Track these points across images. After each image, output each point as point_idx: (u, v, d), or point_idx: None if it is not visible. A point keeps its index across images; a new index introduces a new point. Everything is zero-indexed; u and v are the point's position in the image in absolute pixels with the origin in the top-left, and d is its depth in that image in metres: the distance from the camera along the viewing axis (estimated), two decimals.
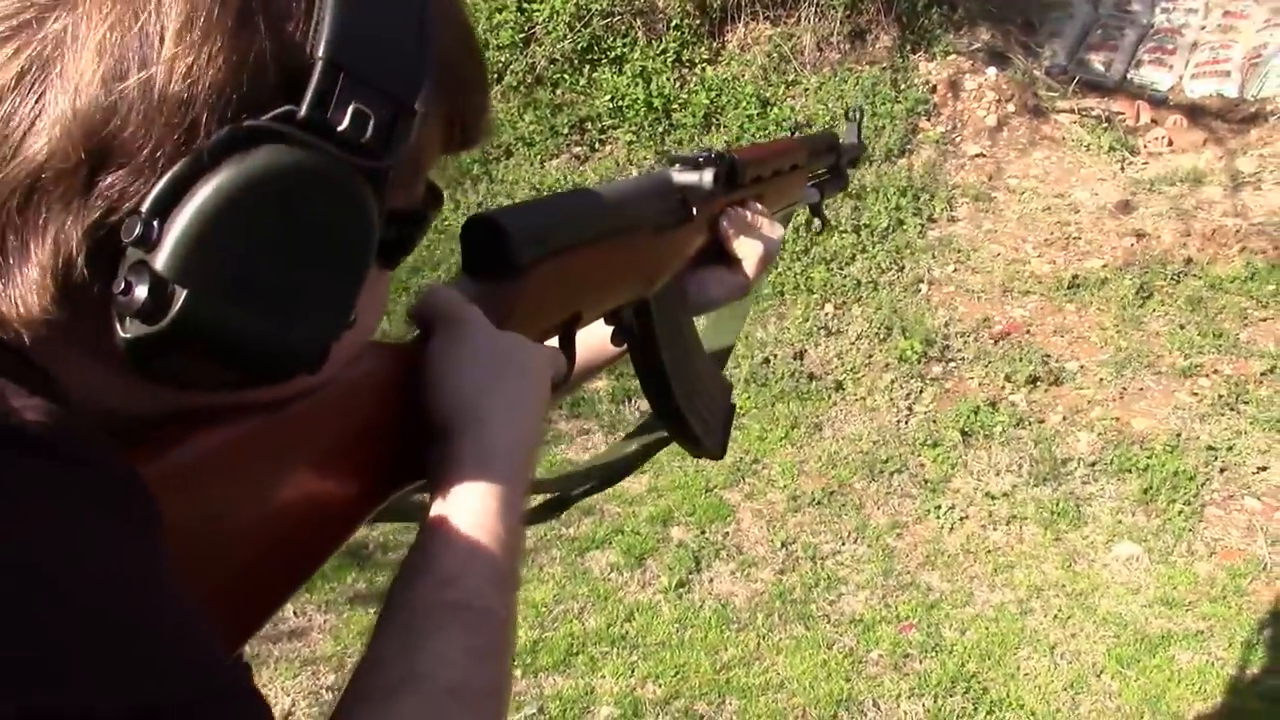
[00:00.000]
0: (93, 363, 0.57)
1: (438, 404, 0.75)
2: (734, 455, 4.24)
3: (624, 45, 6.12)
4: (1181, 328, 4.89)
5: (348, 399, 0.72)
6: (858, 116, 1.81)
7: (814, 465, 4.27)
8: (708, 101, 5.98)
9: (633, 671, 3.25)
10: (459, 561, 0.69)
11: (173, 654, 0.49)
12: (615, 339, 1.11)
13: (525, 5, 6.10)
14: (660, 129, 5.89)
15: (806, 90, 6.19)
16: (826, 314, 5.02)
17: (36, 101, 0.51)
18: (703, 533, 3.88)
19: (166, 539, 0.52)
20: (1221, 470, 4.19)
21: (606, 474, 1.27)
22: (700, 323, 1.31)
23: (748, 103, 5.98)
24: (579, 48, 6.02)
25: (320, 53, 0.55)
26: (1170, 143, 6.18)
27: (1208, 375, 4.65)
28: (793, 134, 1.88)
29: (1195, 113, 6.44)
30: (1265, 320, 4.90)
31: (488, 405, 0.75)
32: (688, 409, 1.18)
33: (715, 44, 6.38)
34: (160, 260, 0.52)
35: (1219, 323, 4.89)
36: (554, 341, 0.95)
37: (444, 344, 0.77)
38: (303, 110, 0.55)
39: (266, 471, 0.66)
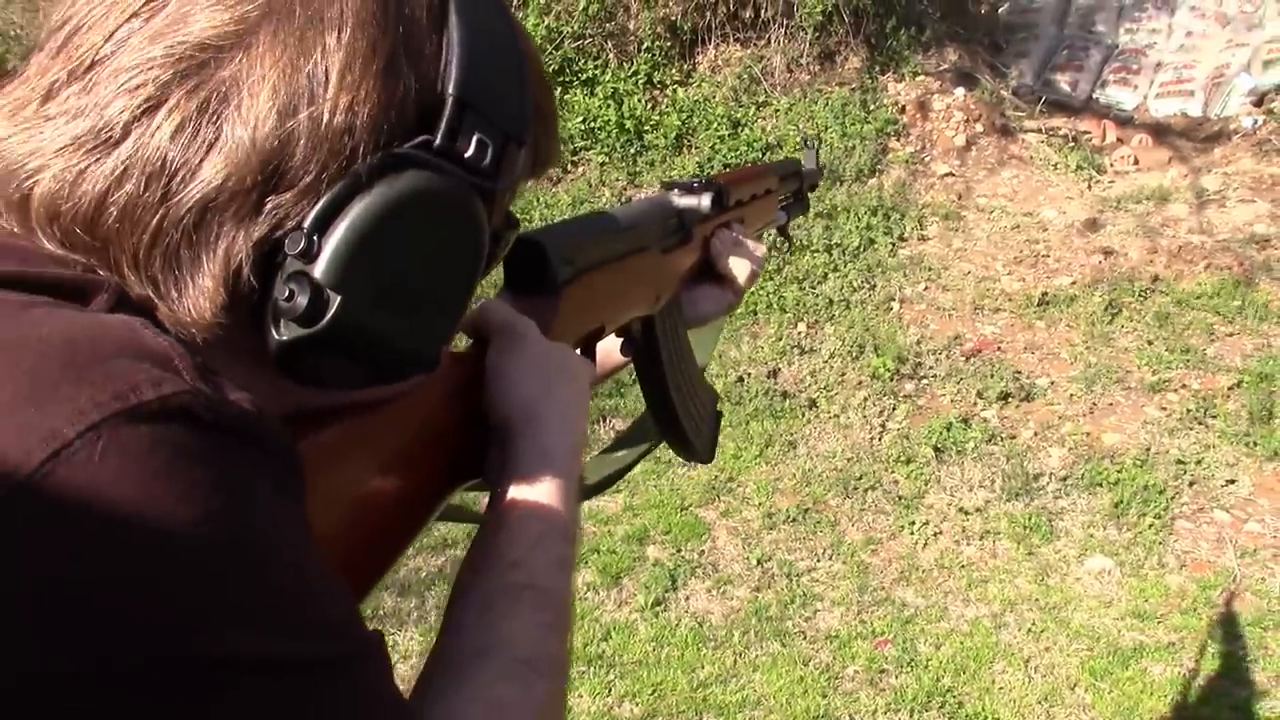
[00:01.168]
0: (236, 364, 0.62)
1: (499, 407, 0.83)
2: (709, 473, 4.26)
3: (595, 67, 6.15)
4: (1150, 343, 4.94)
5: (423, 402, 0.79)
6: (815, 144, 1.92)
7: (789, 483, 4.28)
8: (679, 123, 6.01)
9: (610, 690, 3.25)
10: (526, 547, 0.76)
11: (337, 613, 0.57)
12: (624, 350, 1.20)
13: None
14: (632, 150, 5.91)
15: (777, 111, 6.24)
16: (799, 333, 5.05)
17: (215, 132, 0.57)
18: (678, 551, 3.89)
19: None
20: (1191, 484, 4.23)
21: (596, 482, 1.32)
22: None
23: (719, 124, 6.02)
24: (551, 70, 6.04)
25: (450, 91, 0.64)
26: (1136, 161, 6.26)
27: (1176, 390, 4.70)
28: (758, 160, 1.99)
29: (1160, 132, 6.53)
30: (1231, 335, 4.96)
31: (545, 408, 0.83)
32: (683, 415, 1.25)
33: (686, 66, 6.42)
34: (319, 270, 0.60)
35: (1186, 338, 4.95)
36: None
37: (503, 353, 0.85)
38: (437, 140, 0.64)
39: (363, 464, 0.74)
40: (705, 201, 1.24)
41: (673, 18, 6.34)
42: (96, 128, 0.57)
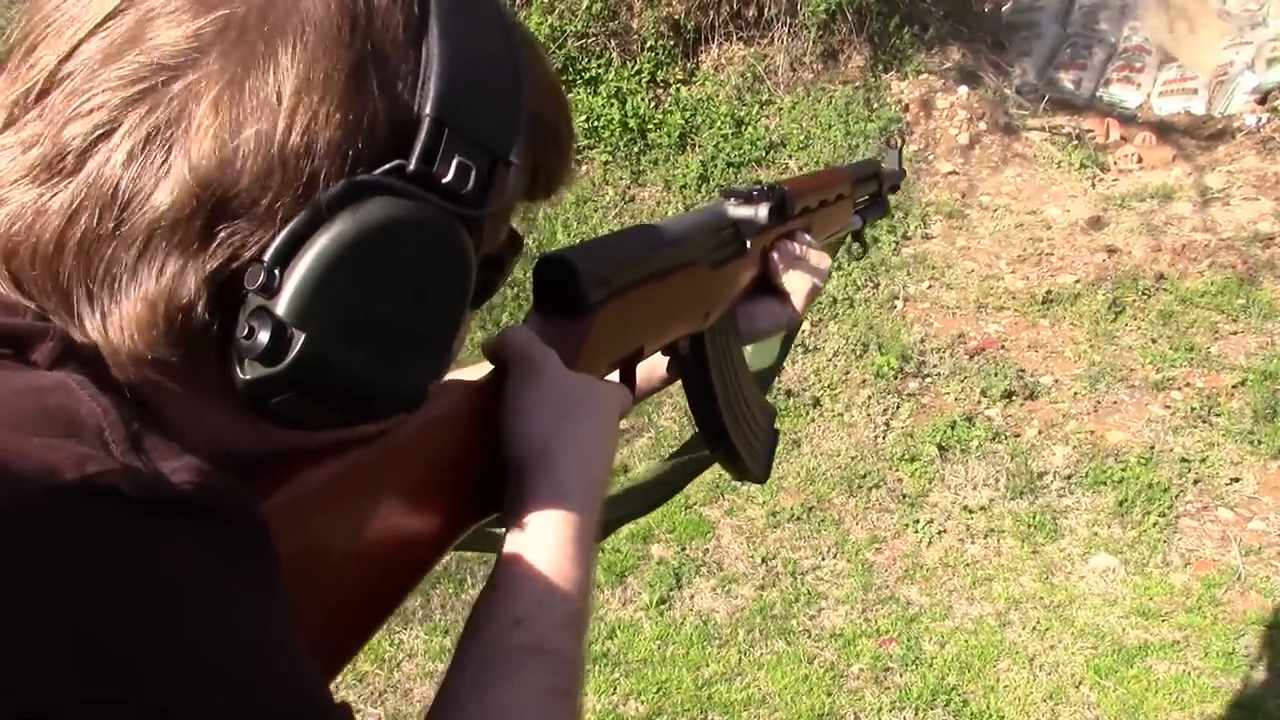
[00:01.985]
0: (209, 404, 0.60)
1: (512, 444, 0.78)
2: (713, 472, 4.23)
3: (599, 66, 6.15)
4: (1154, 341, 4.94)
5: (431, 437, 0.75)
6: (898, 144, 1.83)
7: (793, 481, 4.28)
8: (683, 121, 6.01)
9: (615, 689, 3.25)
10: (532, 603, 0.71)
11: (293, 696, 0.52)
12: (670, 369, 1.14)
13: None
14: (636, 149, 5.92)
15: (780, 110, 6.24)
16: (803, 331, 5.05)
17: (164, 158, 0.54)
18: (683, 549, 3.89)
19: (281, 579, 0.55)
20: (1195, 482, 4.23)
21: (647, 498, 1.29)
22: (746, 347, 1.33)
23: (722, 122, 6.02)
24: (554, 69, 6.04)
25: (427, 110, 0.59)
26: (1140, 160, 6.25)
27: (1180, 388, 4.70)
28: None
29: (1164, 130, 6.52)
30: (1235, 334, 4.96)
31: (559, 446, 0.78)
32: (734, 434, 1.20)
33: (689, 64, 6.42)
34: (281, 306, 0.56)
35: (1190, 336, 4.95)
36: (615, 375, 0.98)
37: (518, 385, 0.80)
38: (411, 164, 0.59)
39: (360, 506, 0.69)
40: (762, 212, 1.18)
41: (676, 16, 6.34)
42: (50, 156, 0.55)
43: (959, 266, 5.51)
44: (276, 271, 0.55)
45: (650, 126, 6.01)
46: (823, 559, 3.91)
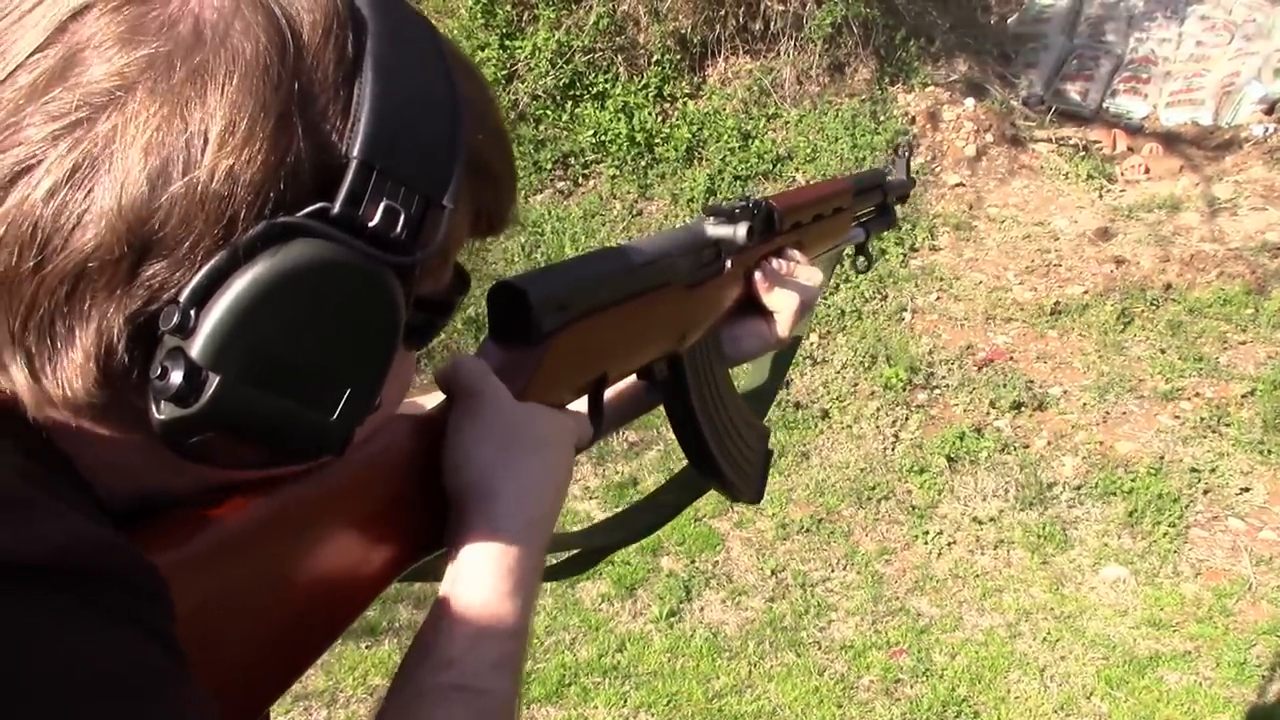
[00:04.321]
0: (129, 441, 0.59)
1: (451, 480, 0.77)
2: None
3: (606, 81, 6.17)
4: (1162, 352, 4.94)
5: (367, 475, 0.74)
6: (906, 153, 1.77)
7: (802, 493, 4.29)
8: (690, 135, 6.03)
9: (625, 701, 3.25)
10: (462, 643, 0.71)
11: None
12: (648, 394, 1.12)
13: (507, 42, 6.16)
14: (643, 163, 5.93)
15: (787, 123, 6.26)
16: (812, 343, 5.06)
17: (86, 197, 0.53)
18: (693, 562, 3.90)
19: (177, 630, 0.54)
20: (1205, 492, 4.22)
21: (640, 523, 1.26)
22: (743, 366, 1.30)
23: (729, 136, 6.04)
24: (561, 84, 6.07)
25: (355, 153, 0.58)
26: (1147, 170, 6.26)
27: (1189, 398, 4.69)
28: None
29: (1171, 140, 6.53)
30: (1244, 344, 4.96)
31: (499, 482, 0.76)
32: (722, 457, 1.17)
33: (696, 79, 6.44)
34: (195, 348, 0.55)
35: (1199, 347, 4.94)
36: (583, 402, 0.95)
37: (459, 418, 0.79)
38: (336, 208, 0.58)
39: (285, 550, 0.68)
40: (741, 231, 1.13)
41: (682, 31, 6.37)
42: None
43: (967, 278, 5.51)
44: (192, 313, 0.55)
45: (657, 140, 6.03)
46: (832, 571, 3.91)
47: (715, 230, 1.13)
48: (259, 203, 0.55)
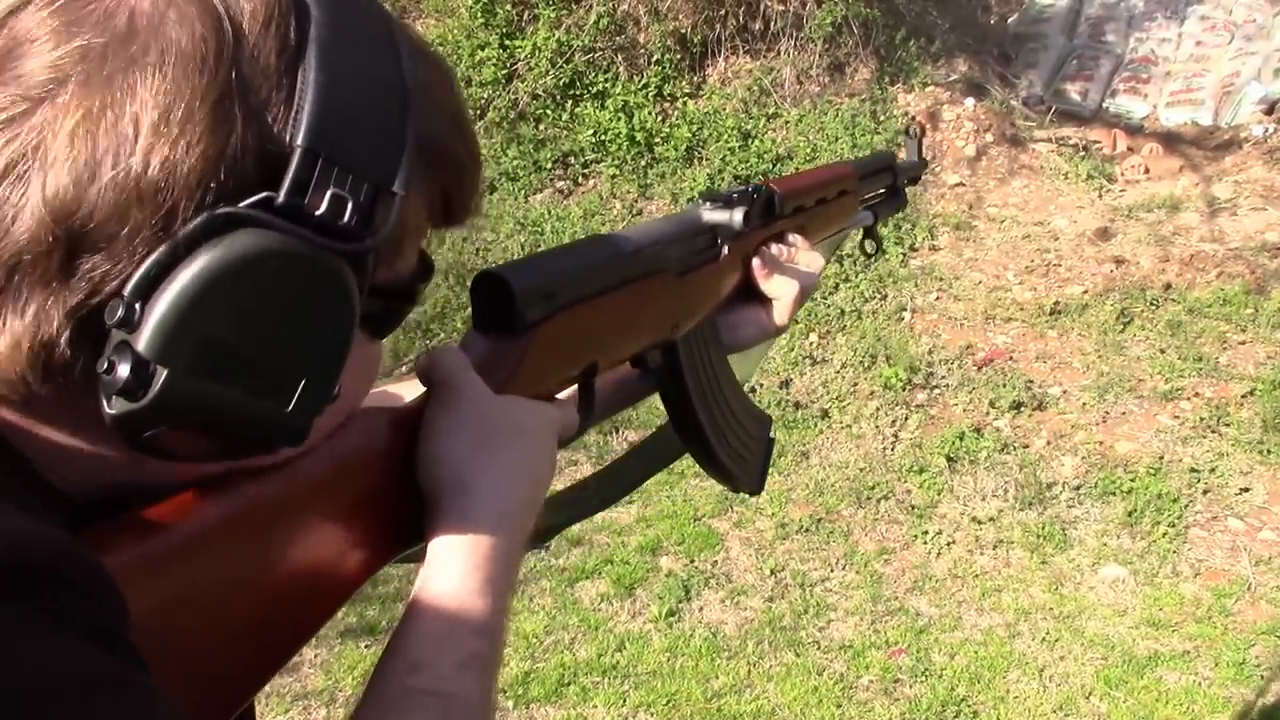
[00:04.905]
0: (87, 436, 0.59)
1: (425, 474, 0.76)
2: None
3: (606, 80, 6.18)
4: (1162, 352, 4.94)
5: (339, 470, 0.72)
6: (917, 134, 1.73)
7: (801, 493, 4.29)
8: (689, 135, 6.03)
9: (624, 701, 3.25)
10: (431, 644, 0.69)
11: None
12: (641, 382, 1.09)
13: (507, 42, 6.16)
14: (643, 162, 5.94)
15: (787, 123, 6.26)
16: (811, 343, 5.06)
17: (23, 190, 0.53)
18: (692, 562, 3.90)
19: (135, 629, 0.53)
20: (1204, 492, 4.23)
21: (600, 493, 1.22)
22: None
23: (729, 136, 6.04)
24: (561, 83, 6.07)
25: (299, 141, 0.57)
26: (1147, 170, 6.26)
27: (1189, 398, 4.69)
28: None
29: (1171, 140, 6.53)
30: (1244, 344, 4.96)
31: (472, 475, 0.75)
32: (720, 446, 1.15)
33: (696, 78, 6.44)
34: (141, 341, 0.54)
35: (1199, 346, 4.94)
36: (573, 391, 0.94)
37: (434, 411, 0.78)
38: (280, 197, 0.57)
39: (252, 548, 0.67)
40: (738, 216, 1.11)
41: (682, 30, 6.37)
42: None
43: (967, 278, 5.52)
44: (137, 306, 0.54)
45: (657, 140, 6.03)
46: (831, 570, 3.91)
47: (711, 215, 1.11)
48: (199, 193, 0.55)
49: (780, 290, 1.19)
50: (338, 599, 0.73)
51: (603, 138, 5.96)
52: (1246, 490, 4.22)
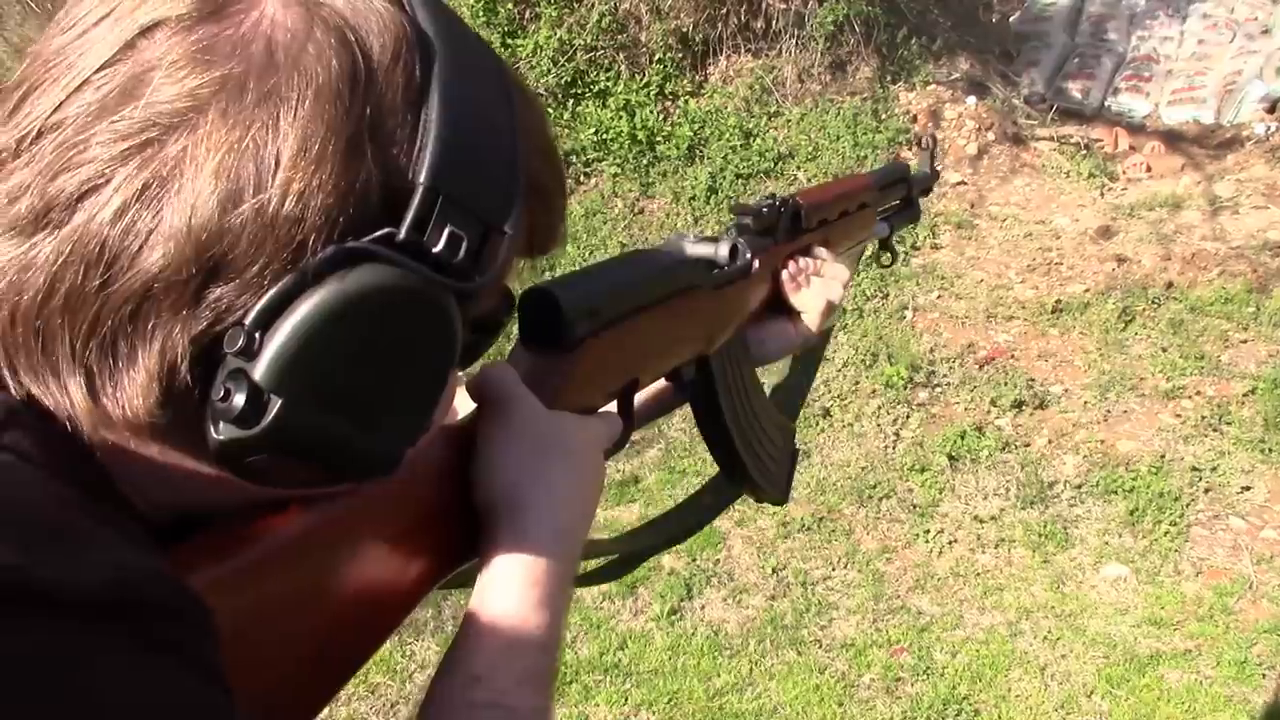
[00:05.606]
0: (178, 458, 0.60)
1: (481, 491, 0.76)
2: None
3: (607, 79, 6.17)
4: (1164, 350, 4.94)
5: (400, 488, 0.72)
6: (930, 145, 1.75)
7: (803, 492, 4.29)
8: (691, 134, 6.03)
9: (626, 699, 3.26)
10: (491, 658, 0.70)
11: None
12: (675, 395, 1.11)
13: (509, 40, 6.16)
14: (644, 161, 5.93)
15: (789, 121, 6.26)
16: None
17: (154, 217, 0.53)
18: (694, 560, 3.90)
19: (220, 649, 0.54)
20: (1206, 490, 4.22)
21: (666, 532, 1.24)
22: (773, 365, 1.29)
23: (731, 134, 6.04)
24: (563, 82, 6.07)
25: (421, 179, 0.58)
26: (1149, 169, 6.25)
27: (1190, 397, 4.69)
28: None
29: (1173, 139, 6.52)
30: (1246, 342, 4.95)
31: (529, 492, 0.76)
32: (748, 457, 1.17)
33: (698, 77, 6.44)
34: (259, 370, 0.55)
35: (1200, 345, 4.94)
36: (613, 406, 0.95)
37: (489, 428, 0.78)
38: (402, 233, 0.58)
39: (322, 565, 0.68)
40: (768, 229, 1.15)
41: (684, 29, 6.37)
42: (37, 209, 0.53)
43: (968, 276, 5.51)
44: (257, 335, 0.55)
45: (659, 139, 6.03)
46: (833, 569, 3.91)
47: (695, 250, 1.10)
48: (327, 227, 0.55)
49: (808, 303, 1.21)
50: (395, 618, 0.74)
51: (604, 136, 5.96)
52: (1248, 489, 4.21)
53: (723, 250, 1.10)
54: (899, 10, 6.77)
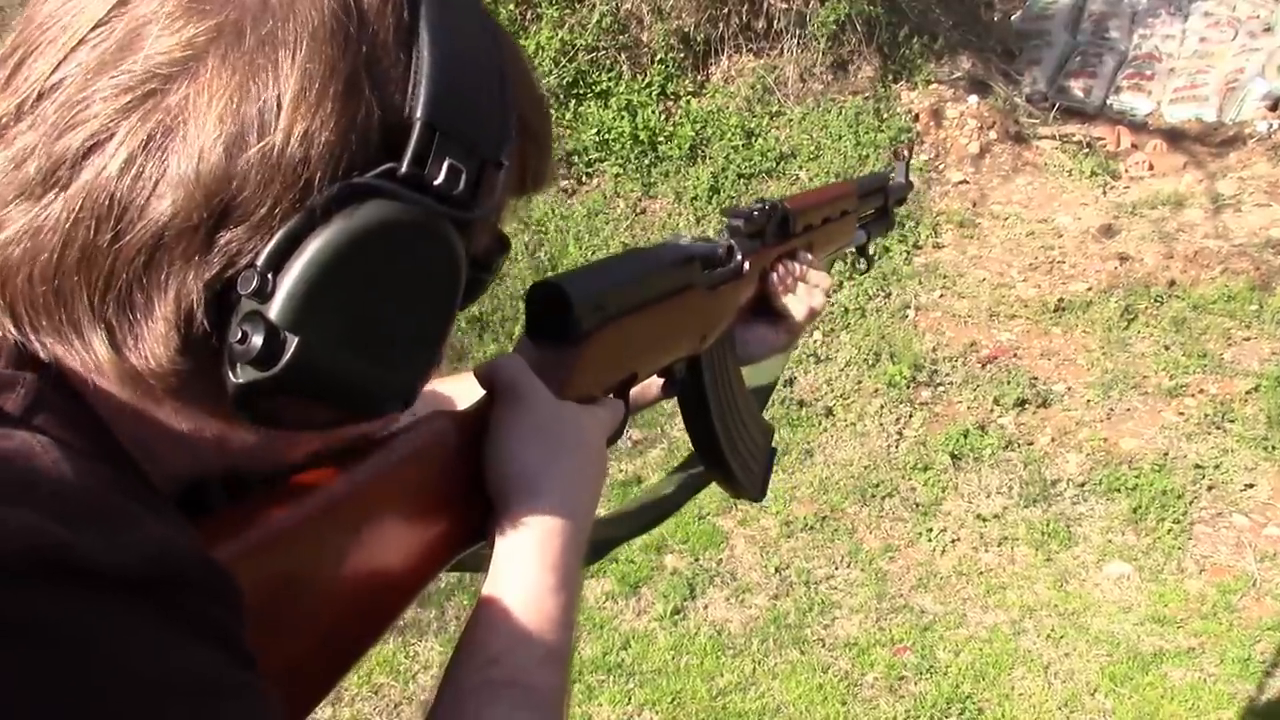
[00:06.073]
0: (196, 416, 0.61)
1: (494, 475, 0.78)
2: None
3: (609, 79, 6.17)
4: (1166, 348, 4.93)
5: (417, 466, 0.75)
6: (906, 156, 1.82)
7: (806, 491, 4.29)
8: (693, 134, 6.03)
9: (629, 699, 3.26)
10: (508, 640, 0.71)
11: None
12: (665, 390, 1.13)
13: None
14: (646, 161, 5.93)
15: (790, 121, 6.26)
16: (815, 341, 5.06)
17: (161, 166, 0.54)
18: (696, 560, 3.90)
19: (245, 618, 0.54)
20: (1209, 488, 4.22)
21: (642, 518, 1.26)
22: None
23: (732, 134, 6.04)
24: (564, 82, 6.07)
25: (418, 114, 0.59)
26: (1151, 167, 6.25)
27: (1193, 395, 4.69)
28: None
29: (1175, 137, 6.52)
30: (1248, 340, 4.95)
31: (543, 480, 0.77)
32: (730, 454, 1.19)
33: (699, 77, 6.44)
34: (274, 310, 0.56)
35: (1203, 343, 4.94)
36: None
37: (503, 415, 0.80)
38: (403, 167, 0.59)
39: (340, 539, 0.69)
40: (759, 232, 1.18)
41: (686, 29, 6.37)
42: (45, 170, 0.54)
43: (971, 275, 5.51)
44: (269, 276, 0.56)
45: (661, 139, 6.03)
46: (836, 568, 3.91)
47: (691, 250, 1.13)
48: (331, 165, 0.57)
49: (794, 307, 1.25)
50: (405, 599, 0.75)
51: (606, 136, 5.96)
52: (1251, 486, 4.21)
53: (717, 251, 1.14)
54: (900, 9, 6.77)
